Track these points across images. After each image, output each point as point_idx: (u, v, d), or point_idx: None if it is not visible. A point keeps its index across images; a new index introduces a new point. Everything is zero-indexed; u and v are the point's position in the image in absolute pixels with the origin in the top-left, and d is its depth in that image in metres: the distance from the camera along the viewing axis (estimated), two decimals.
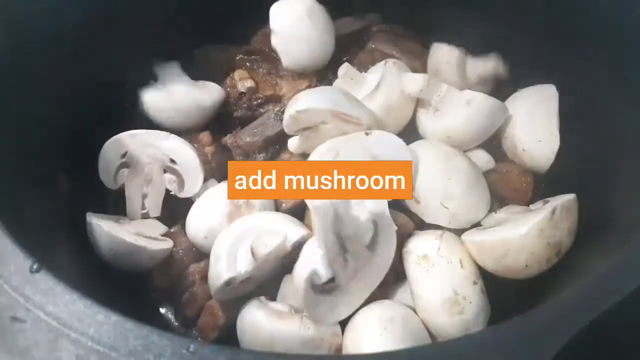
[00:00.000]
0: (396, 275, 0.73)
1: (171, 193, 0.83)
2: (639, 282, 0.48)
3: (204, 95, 0.89)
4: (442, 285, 0.67)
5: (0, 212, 0.55)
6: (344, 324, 0.69)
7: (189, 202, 0.82)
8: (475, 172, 0.77)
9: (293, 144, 0.79)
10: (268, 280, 0.75)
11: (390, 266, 0.70)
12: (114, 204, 0.88)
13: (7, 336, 0.46)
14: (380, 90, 0.82)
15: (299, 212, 0.78)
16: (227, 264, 0.69)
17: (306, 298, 0.63)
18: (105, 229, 0.73)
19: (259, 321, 0.66)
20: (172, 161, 0.82)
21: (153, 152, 0.82)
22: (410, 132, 0.84)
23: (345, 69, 0.85)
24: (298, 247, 0.70)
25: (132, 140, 0.81)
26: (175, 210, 0.84)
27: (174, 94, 0.87)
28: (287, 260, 0.72)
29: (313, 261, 0.64)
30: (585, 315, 0.47)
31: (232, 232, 0.72)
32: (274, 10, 0.88)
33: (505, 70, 0.91)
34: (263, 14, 0.90)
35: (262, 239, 0.68)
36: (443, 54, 0.91)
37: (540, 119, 0.81)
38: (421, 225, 0.77)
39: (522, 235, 0.66)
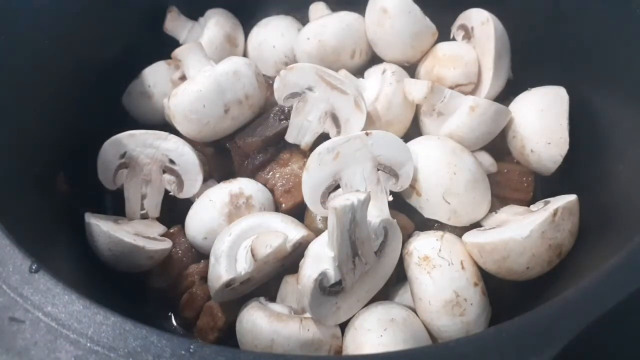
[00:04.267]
0: (397, 276, 0.73)
1: (170, 194, 0.83)
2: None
3: None
4: (443, 287, 0.67)
5: None
6: (344, 325, 0.69)
7: (188, 203, 0.81)
8: (480, 170, 0.77)
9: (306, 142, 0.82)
10: (268, 281, 0.74)
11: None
12: (113, 204, 0.88)
13: (5, 336, 0.45)
14: (379, 102, 0.83)
15: (299, 213, 0.78)
16: (227, 265, 0.69)
17: (312, 298, 0.63)
18: (103, 228, 0.72)
19: (258, 323, 0.66)
20: (172, 161, 0.82)
21: (152, 152, 0.82)
22: (409, 136, 0.84)
23: (343, 74, 0.86)
24: (298, 247, 0.70)
25: (131, 140, 0.81)
26: (174, 210, 0.84)
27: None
28: (287, 261, 0.72)
29: (323, 262, 0.64)
30: (586, 316, 0.47)
31: (232, 232, 0.71)
32: None
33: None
34: None
35: (262, 239, 0.68)
36: None
37: (550, 121, 0.80)
38: (421, 226, 0.77)
39: (524, 238, 0.66)
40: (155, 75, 0.94)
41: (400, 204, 0.76)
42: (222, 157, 0.87)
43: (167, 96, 0.87)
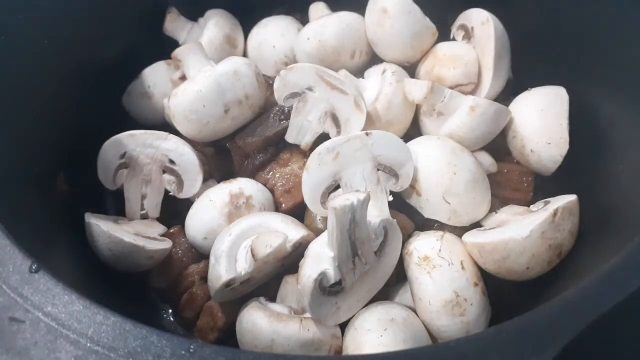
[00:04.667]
0: (397, 276, 0.73)
1: (170, 194, 0.83)
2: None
3: None
4: (443, 287, 0.66)
5: None
6: (344, 325, 0.69)
7: (188, 203, 0.81)
8: (480, 170, 0.77)
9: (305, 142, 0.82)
10: (268, 281, 0.74)
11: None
12: (113, 204, 0.88)
13: (5, 336, 0.45)
14: (379, 102, 0.83)
15: (299, 213, 0.78)
16: (227, 265, 0.69)
17: (312, 298, 0.63)
18: (103, 228, 0.72)
19: (258, 323, 0.66)
20: (171, 161, 0.82)
21: (152, 152, 0.82)
22: (409, 136, 0.84)
23: (343, 74, 0.86)
24: (298, 247, 0.70)
25: (131, 140, 0.81)
26: (174, 210, 0.84)
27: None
28: (287, 261, 0.72)
29: (323, 262, 0.64)
30: (586, 316, 0.47)
31: (232, 232, 0.71)
32: None
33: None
34: None
35: (262, 239, 0.68)
36: None
37: (550, 121, 0.80)
38: (421, 226, 0.77)
39: (524, 238, 0.66)
40: (155, 75, 0.94)
41: (400, 204, 0.76)
42: (222, 157, 0.87)
43: (167, 96, 0.87)
